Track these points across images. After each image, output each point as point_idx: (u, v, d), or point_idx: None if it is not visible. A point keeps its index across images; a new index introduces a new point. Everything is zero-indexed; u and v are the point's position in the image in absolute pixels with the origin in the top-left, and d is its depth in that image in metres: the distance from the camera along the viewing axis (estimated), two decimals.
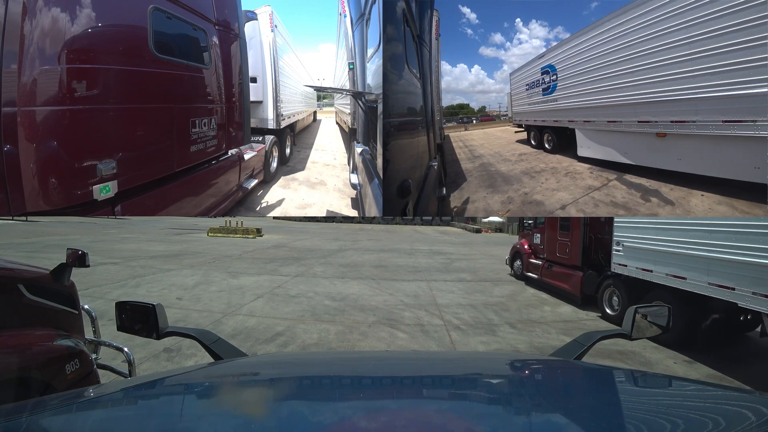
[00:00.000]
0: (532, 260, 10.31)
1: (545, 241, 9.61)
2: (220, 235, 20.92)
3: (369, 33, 4.94)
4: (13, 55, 2.38)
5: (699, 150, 4.95)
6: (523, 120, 11.30)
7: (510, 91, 12.82)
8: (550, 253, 9.32)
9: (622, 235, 6.76)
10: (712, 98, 4.52)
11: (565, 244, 8.65)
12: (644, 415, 0.88)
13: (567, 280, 8.54)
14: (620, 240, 6.78)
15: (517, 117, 12.07)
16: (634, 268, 6.46)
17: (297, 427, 0.78)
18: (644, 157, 6.00)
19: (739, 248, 4.72)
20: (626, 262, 6.63)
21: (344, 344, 5.58)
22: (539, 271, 9.79)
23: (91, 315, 3.05)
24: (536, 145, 10.29)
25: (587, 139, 7.52)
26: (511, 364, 1.41)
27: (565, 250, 8.63)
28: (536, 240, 10.20)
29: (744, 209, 4.85)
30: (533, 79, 9.92)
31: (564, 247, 8.68)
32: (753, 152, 4.14)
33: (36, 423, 0.77)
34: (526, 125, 11.23)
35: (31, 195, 2.51)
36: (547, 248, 9.48)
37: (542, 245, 9.83)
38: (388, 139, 3.71)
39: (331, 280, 10.20)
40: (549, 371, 1.25)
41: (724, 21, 4.30)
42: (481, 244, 21.87)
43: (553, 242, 9.15)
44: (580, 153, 7.73)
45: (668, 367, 5.16)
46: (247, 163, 5.79)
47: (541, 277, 9.66)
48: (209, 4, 4.13)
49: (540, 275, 9.73)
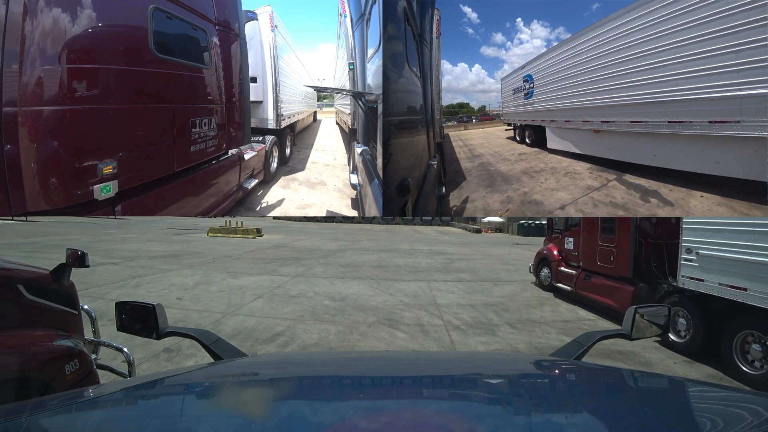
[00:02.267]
0: (563, 269, 8.94)
1: (581, 247, 8.28)
2: (220, 235, 20.92)
3: (369, 33, 4.95)
4: (14, 55, 2.38)
5: (622, 141, 6.83)
6: (511, 119, 13.01)
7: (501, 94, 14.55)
8: (588, 261, 7.98)
9: (695, 240, 5.39)
10: (625, 105, 6.41)
11: (608, 251, 7.29)
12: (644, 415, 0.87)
13: (611, 295, 7.15)
14: (693, 246, 5.40)
15: (506, 117, 13.78)
16: (715, 285, 5.05)
17: (297, 427, 0.78)
18: (586, 147, 7.99)
19: None
20: (702, 276, 5.25)
21: (344, 344, 5.58)
22: (573, 282, 8.42)
23: (90, 315, 3.05)
24: (520, 140, 11.99)
25: (553, 134, 9.41)
26: (511, 364, 1.41)
27: (609, 257, 7.25)
28: (568, 245, 8.83)
29: (743, 210, 4.86)
30: (517, 85, 11.69)
31: (607, 255, 7.32)
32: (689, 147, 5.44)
33: (36, 423, 0.77)
34: (513, 124, 12.96)
35: (32, 194, 2.51)
36: (584, 255, 8.16)
37: (576, 251, 8.48)
38: (388, 138, 3.72)
39: (331, 280, 10.20)
40: (549, 371, 1.25)
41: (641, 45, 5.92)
42: (480, 244, 21.88)
43: (591, 248, 7.83)
44: (549, 146, 9.58)
45: (668, 367, 5.16)
46: (247, 163, 5.79)
47: (576, 289, 8.30)
48: (209, 4, 4.13)
49: (574, 287, 8.37)
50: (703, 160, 5.27)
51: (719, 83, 4.67)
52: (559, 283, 8.98)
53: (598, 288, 7.53)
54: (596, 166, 7.63)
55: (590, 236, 7.89)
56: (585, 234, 8.14)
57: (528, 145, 11.08)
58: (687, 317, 5.63)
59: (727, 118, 4.67)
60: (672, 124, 5.51)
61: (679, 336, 5.72)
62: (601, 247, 7.49)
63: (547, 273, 9.64)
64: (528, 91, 10.90)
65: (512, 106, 12.40)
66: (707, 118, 4.93)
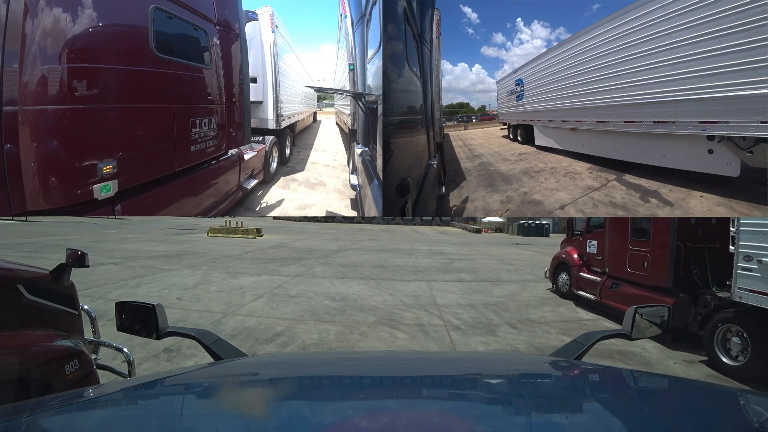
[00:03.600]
0: (585, 275, 8.08)
1: (606, 251, 7.50)
2: (220, 235, 20.92)
3: (370, 34, 4.95)
4: (15, 55, 2.38)
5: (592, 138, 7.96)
6: (506, 119, 14.30)
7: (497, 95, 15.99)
8: (616, 267, 7.17)
9: (757, 246, 4.62)
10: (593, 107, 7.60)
11: (641, 256, 6.46)
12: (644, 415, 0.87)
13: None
14: (754, 253, 4.63)
15: (502, 117, 15.21)
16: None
17: (297, 427, 0.78)
18: (565, 144, 9.12)
19: None
20: (766, 288, 4.53)
21: (344, 344, 5.58)
22: (597, 291, 7.60)
23: (90, 315, 3.05)
24: (513, 138, 13.25)
25: (540, 133, 10.68)
26: (511, 364, 1.41)
27: (642, 263, 6.42)
28: (591, 248, 8.00)
29: (743, 210, 4.87)
30: (510, 88, 12.85)
31: (640, 260, 6.49)
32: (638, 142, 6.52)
33: (36, 423, 0.77)
34: (507, 124, 14.24)
35: (32, 194, 2.51)
36: (610, 260, 7.36)
37: (600, 255, 7.68)
38: (388, 137, 3.72)
39: (331, 280, 10.20)
40: (549, 371, 1.25)
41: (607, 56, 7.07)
42: (480, 244, 21.88)
43: (620, 252, 7.03)
44: (536, 143, 10.78)
45: (668, 367, 5.16)
46: (247, 164, 5.79)
47: (601, 298, 7.48)
48: (210, 5, 4.13)
49: (599, 296, 7.55)
50: (651, 154, 6.18)
51: (660, 90, 5.68)
52: (580, 291, 8.18)
53: (629, 298, 6.52)
54: (596, 166, 7.66)
55: (618, 239, 7.11)
56: (612, 236, 7.37)
57: (519, 142, 12.21)
58: (743, 336, 4.80)
59: (666, 119, 5.56)
60: (627, 124, 6.49)
61: (733, 358, 4.90)
62: (633, 252, 6.67)
63: (565, 279, 8.79)
64: (519, 93, 11.98)
65: (506, 107, 13.59)
66: (652, 119, 5.86)
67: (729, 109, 4.66)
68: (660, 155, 6.01)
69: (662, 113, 5.64)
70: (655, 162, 6.12)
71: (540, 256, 17.09)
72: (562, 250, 9.23)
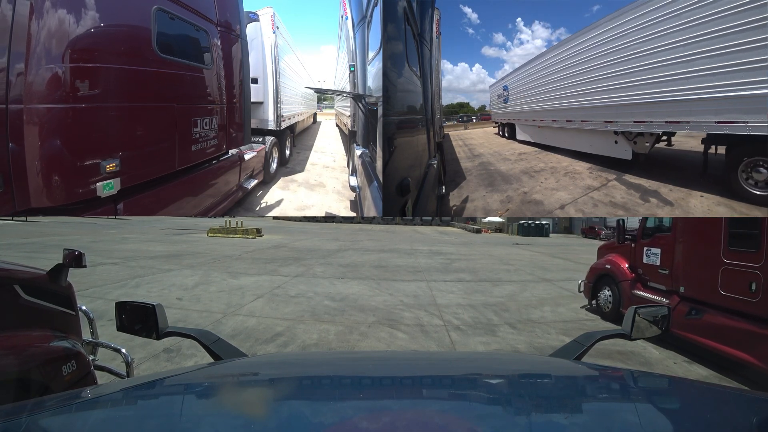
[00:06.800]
0: (640, 292, 6.31)
1: (680, 263, 5.68)
2: (220, 235, 20.93)
3: (370, 36, 4.95)
4: (20, 54, 2.40)
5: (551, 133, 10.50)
6: (497, 119, 16.73)
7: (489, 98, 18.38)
8: (697, 287, 5.34)
9: None
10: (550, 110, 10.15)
11: (745, 274, 4.63)
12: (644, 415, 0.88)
13: (751, 346, 4.47)
14: None
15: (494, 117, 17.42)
16: None
17: (297, 427, 0.78)
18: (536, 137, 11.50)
19: None
20: None
21: (344, 344, 5.58)
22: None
23: (88, 316, 3.03)
24: (501, 135, 15.66)
25: (520, 129, 13.19)
26: (511, 364, 1.41)
27: (747, 285, 4.58)
28: (650, 258, 6.24)
29: (744, 210, 4.87)
30: (499, 92, 15.13)
31: (743, 280, 4.65)
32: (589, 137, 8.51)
33: (35, 423, 0.77)
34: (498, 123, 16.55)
35: (36, 191, 2.53)
36: (688, 276, 5.53)
37: (667, 269, 5.89)
38: (388, 137, 3.72)
39: (331, 280, 10.20)
40: (549, 371, 1.25)
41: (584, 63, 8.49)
42: (480, 244, 21.87)
43: (706, 266, 5.14)
44: (518, 137, 13.19)
45: (668, 367, 5.16)
46: (247, 164, 5.80)
47: (672, 327, 5.03)
48: (211, 5, 4.14)
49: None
50: (587, 144, 8.46)
51: (609, 96, 7.23)
52: None
53: (722, 332, 4.81)
54: (596, 165, 7.68)
55: (703, 247, 5.26)
56: (690, 243, 5.54)
57: (506, 138, 14.65)
58: None
59: (611, 118, 7.25)
60: (569, 122, 8.92)
61: None
62: (729, 268, 4.82)
63: (608, 296, 7.08)
64: (505, 97, 14.36)
65: (496, 109, 16.03)
66: (588, 119, 8.13)
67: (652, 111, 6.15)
68: (588, 144, 8.39)
69: (607, 114, 7.49)
70: (584, 149, 8.51)
71: (540, 256, 17.10)
72: (603, 258, 7.50)
